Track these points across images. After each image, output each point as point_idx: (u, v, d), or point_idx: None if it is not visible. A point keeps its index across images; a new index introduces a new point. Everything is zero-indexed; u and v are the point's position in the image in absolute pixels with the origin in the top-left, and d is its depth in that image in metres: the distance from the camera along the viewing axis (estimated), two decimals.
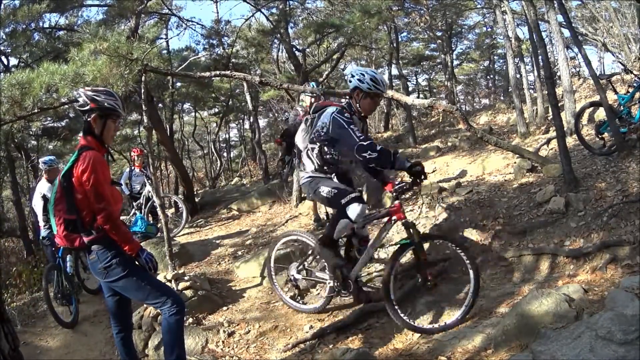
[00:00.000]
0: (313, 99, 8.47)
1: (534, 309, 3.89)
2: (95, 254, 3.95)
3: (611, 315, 3.17)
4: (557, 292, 4.04)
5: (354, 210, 4.82)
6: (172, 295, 4.10)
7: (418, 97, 28.89)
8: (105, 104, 4.06)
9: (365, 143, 4.57)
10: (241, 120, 31.76)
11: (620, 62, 10.58)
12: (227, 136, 35.27)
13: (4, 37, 13.76)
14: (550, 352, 3.18)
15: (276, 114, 24.49)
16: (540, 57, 10.79)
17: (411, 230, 4.80)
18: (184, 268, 8.16)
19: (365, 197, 9.70)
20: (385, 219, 5.13)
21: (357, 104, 5.00)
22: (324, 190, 5.05)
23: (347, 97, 5.11)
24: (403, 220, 4.88)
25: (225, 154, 33.97)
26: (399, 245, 4.92)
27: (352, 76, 4.96)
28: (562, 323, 3.68)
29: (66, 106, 8.54)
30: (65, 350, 6.40)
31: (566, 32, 11.65)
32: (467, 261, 4.71)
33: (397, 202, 4.95)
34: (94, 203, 3.84)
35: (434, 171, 11.21)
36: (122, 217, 4.72)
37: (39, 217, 7.97)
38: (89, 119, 4.08)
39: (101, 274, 4.00)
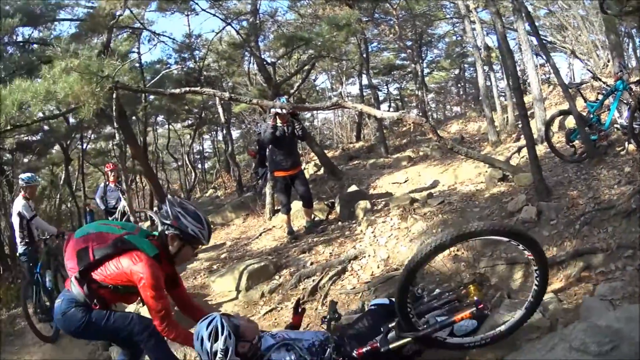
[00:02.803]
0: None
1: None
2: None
3: (584, 326, 3.06)
4: None
5: None
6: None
7: (389, 107, 29.10)
8: (189, 231, 3.84)
9: None
10: (214, 132, 31.61)
11: (588, 70, 10.75)
12: (200, 148, 35.14)
13: None
14: None
15: (249, 126, 24.44)
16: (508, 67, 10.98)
17: None
18: None
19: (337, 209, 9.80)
20: None
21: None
22: None
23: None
24: None
25: (199, 166, 33.83)
26: None
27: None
28: (536, 334, 3.70)
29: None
30: None
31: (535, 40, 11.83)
32: None
33: None
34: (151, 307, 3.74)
35: (406, 181, 11.21)
36: None
37: (16, 233, 7.89)
38: (166, 232, 3.90)
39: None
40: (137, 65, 17.36)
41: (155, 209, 16.02)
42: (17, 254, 7.97)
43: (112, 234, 3.88)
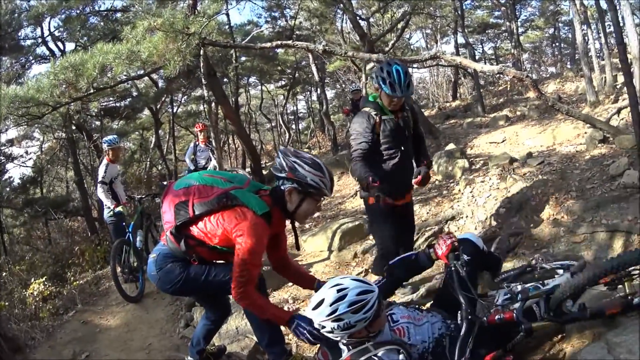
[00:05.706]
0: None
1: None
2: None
3: None
4: None
5: None
6: None
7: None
8: (309, 181, 3.30)
9: None
10: (308, 92, 31.78)
11: None
12: (294, 108, 35.46)
13: (60, 23, 13.99)
14: (626, 345, 2.83)
15: (343, 85, 24.31)
16: (609, 22, 10.22)
17: None
18: None
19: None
20: None
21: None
22: None
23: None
24: None
25: (293, 126, 34.17)
26: None
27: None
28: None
29: (126, 84, 8.46)
30: (125, 328, 6.48)
31: None
32: None
33: None
34: (236, 268, 3.24)
35: (503, 141, 11.08)
36: None
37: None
38: (282, 187, 3.38)
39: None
40: (227, 25, 17.30)
41: (247, 168, 16.22)
42: (109, 215, 7.91)
43: (217, 187, 3.42)
